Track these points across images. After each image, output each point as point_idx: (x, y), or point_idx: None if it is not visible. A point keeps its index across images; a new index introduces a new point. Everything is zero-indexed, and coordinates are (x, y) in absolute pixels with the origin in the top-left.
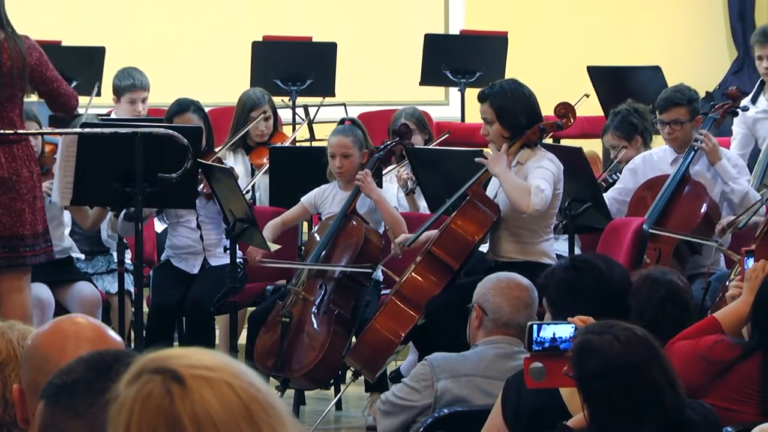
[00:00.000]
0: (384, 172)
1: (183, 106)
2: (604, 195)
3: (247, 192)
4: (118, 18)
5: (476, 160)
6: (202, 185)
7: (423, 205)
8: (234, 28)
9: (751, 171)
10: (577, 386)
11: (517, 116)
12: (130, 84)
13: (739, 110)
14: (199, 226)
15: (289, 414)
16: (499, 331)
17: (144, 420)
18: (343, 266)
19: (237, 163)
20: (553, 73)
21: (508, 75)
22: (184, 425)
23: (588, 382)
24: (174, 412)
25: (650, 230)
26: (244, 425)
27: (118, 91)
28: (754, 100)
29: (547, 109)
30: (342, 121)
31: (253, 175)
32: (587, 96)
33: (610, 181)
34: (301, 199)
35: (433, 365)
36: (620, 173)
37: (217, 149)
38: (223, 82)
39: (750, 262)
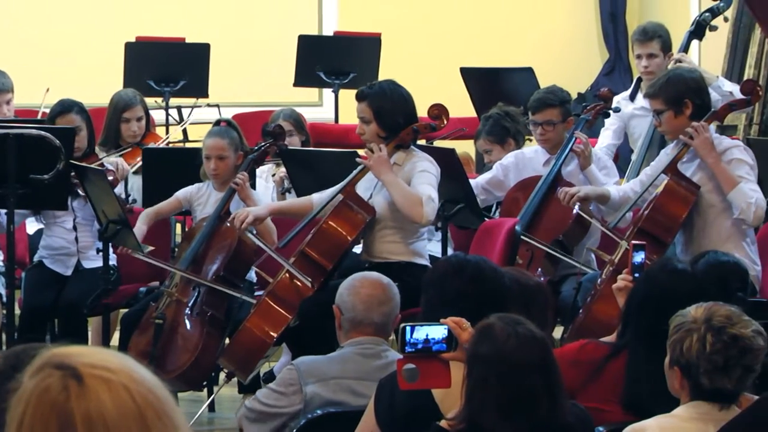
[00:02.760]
0: (258, 170)
1: (66, 106)
2: (472, 182)
3: (129, 195)
4: None
5: (357, 160)
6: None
7: None
8: (107, 29)
9: (621, 171)
10: (466, 361)
11: (395, 117)
12: None
13: (610, 111)
14: (75, 227)
15: (185, 426)
16: (356, 331)
17: (38, 413)
18: (218, 286)
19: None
20: (426, 74)
21: (381, 76)
22: (75, 423)
23: (474, 362)
24: (67, 409)
25: (522, 236)
26: (136, 430)
27: None
28: (632, 97)
29: (420, 111)
30: (217, 123)
31: (126, 176)
32: (464, 130)
33: None
34: (176, 193)
35: (300, 369)
36: None
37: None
38: (96, 82)
39: (639, 256)
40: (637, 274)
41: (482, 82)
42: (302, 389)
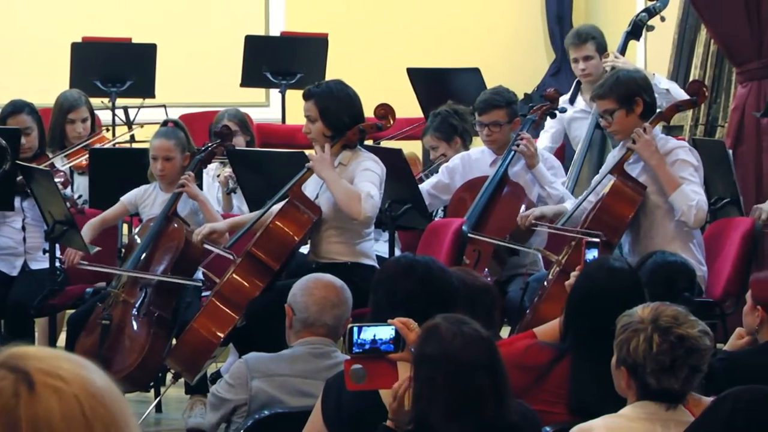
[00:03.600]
0: (205, 171)
1: (17, 107)
2: (419, 187)
3: (80, 197)
4: None
5: (306, 165)
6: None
7: (237, 205)
8: (53, 29)
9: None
10: (412, 361)
11: (341, 116)
12: None
13: (557, 111)
14: (24, 228)
15: None
16: (307, 331)
17: None
18: (158, 276)
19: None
20: (372, 74)
21: (328, 76)
22: (20, 429)
23: (421, 362)
24: (15, 414)
25: (469, 234)
26: None
27: None
28: (572, 101)
29: (366, 111)
30: (165, 123)
31: (72, 176)
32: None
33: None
34: (121, 198)
35: (248, 364)
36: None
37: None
38: (42, 83)
39: (591, 254)
40: None
41: (429, 83)
42: (248, 383)
